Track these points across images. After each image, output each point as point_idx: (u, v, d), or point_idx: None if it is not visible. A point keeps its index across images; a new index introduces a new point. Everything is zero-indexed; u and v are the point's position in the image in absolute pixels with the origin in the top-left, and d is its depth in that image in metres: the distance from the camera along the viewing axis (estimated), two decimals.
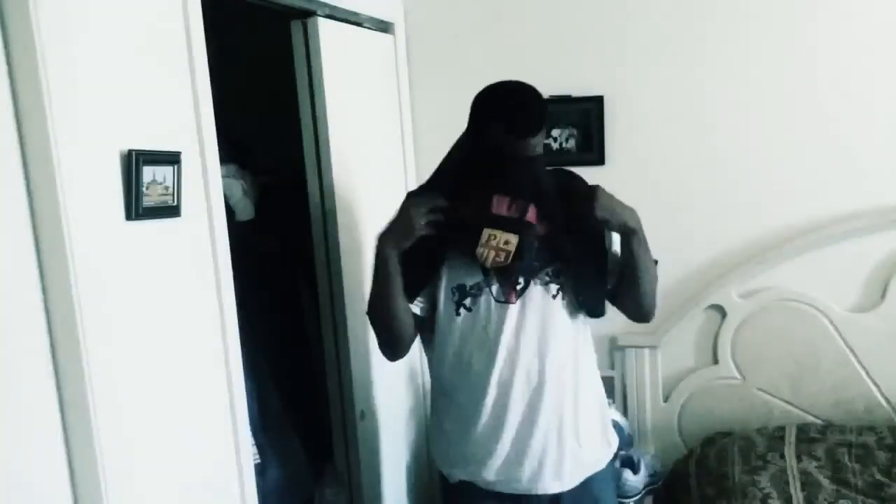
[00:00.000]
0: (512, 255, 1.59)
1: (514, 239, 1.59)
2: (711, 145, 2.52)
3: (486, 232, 1.59)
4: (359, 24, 2.37)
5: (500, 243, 1.59)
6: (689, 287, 2.60)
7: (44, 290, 1.28)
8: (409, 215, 1.65)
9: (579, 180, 1.77)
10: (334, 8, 2.18)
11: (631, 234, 1.68)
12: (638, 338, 2.64)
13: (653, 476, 2.51)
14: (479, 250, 1.60)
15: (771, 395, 2.57)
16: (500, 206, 1.60)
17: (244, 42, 2.56)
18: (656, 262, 1.77)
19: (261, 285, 2.24)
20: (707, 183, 2.54)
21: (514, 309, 1.69)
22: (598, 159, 2.58)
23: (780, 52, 2.44)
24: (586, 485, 1.81)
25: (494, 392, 1.72)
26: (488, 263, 1.61)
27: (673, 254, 2.57)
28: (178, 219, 1.52)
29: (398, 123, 2.65)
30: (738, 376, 2.60)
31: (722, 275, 2.56)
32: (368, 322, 1.81)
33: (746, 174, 2.51)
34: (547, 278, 1.71)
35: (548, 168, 1.72)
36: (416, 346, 2.63)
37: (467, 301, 1.71)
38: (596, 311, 1.78)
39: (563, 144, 2.62)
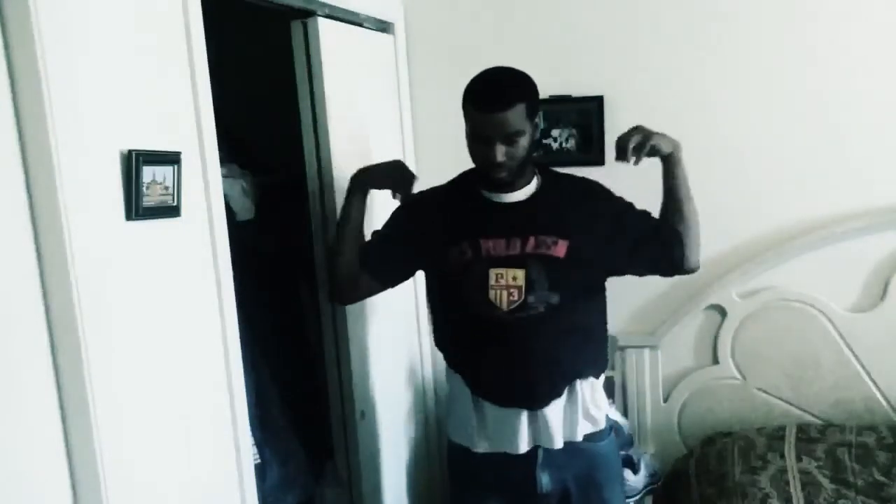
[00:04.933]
0: (524, 289, 1.63)
1: (521, 273, 1.63)
2: (711, 145, 2.51)
3: (493, 272, 1.64)
4: (359, 24, 2.37)
5: (508, 280, 1.62)
6: (689, 287, 2.59)
7: (44, 290, 1.28)
8: (400, 167, 1.94)
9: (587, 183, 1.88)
10: (334, 8, 2.18)
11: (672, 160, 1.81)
12: (638, 338, 2.64)
13: (653, 476, 2.51)
14: (492, 293, 1.65)
15: (771, 395, 2.57)
16: (496, 248, 1.65)
17: (244, 42, 2.56)
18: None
19: (261, 285, 2.24)
20: (706, 183, 2.51)
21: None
22: (598, 159, 2.58)
23: (780, 52, 2.44)
24: (591, 476, 1.84)
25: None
26: (504, 306, 1.66)
27: None
28: (178, 219, 1.52)
29: (398, 123, 2.65)
30: (738, 376, 2.60)
31: (722, 275, 2.56)
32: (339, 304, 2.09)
33: (746, 174, 2.51)
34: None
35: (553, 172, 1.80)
36: (414, 345, 2.65)
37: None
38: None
39: (563, 144, 2.62)
